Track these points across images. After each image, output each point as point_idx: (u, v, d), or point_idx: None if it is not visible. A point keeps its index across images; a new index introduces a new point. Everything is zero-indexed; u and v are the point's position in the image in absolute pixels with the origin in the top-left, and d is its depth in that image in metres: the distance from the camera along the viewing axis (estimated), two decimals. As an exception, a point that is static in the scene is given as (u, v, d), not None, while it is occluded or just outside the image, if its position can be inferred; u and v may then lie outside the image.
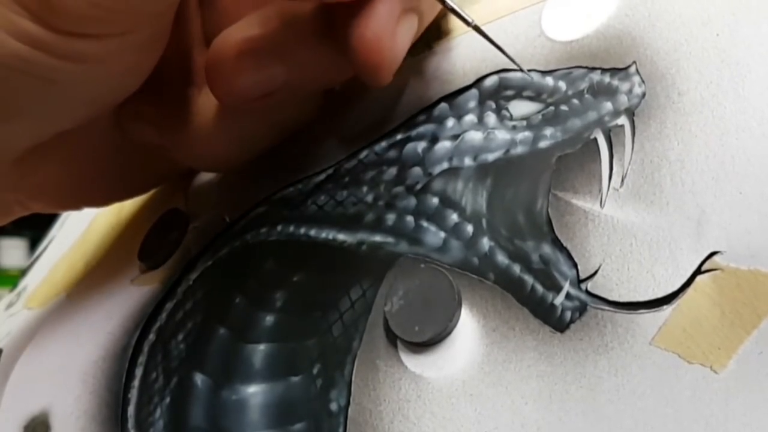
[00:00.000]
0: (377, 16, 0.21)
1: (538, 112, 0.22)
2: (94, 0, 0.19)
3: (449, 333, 0.20)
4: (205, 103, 0.24)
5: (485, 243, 0.21)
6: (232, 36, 0.22)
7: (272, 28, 0.22)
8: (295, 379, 0.22)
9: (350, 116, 0.25)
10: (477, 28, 0.22)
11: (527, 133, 0.21)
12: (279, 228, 0.24)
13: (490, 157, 0.22)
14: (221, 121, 0.24)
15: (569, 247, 0.20)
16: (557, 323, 0.19)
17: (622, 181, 0.20)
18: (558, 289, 0.19)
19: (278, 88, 0.22)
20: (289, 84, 0.22)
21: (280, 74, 0.22)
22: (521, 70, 0.22)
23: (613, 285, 0.19)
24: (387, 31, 0.21)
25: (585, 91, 0.21)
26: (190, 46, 0.25)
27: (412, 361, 0.21)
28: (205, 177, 0.28)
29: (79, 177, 0.26)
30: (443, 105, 0.23)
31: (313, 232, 0.24)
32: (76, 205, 0.28)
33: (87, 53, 0.20)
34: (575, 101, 0.21)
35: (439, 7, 0.22)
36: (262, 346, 0.23)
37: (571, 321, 0.19)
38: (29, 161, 0.23)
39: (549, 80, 0.22)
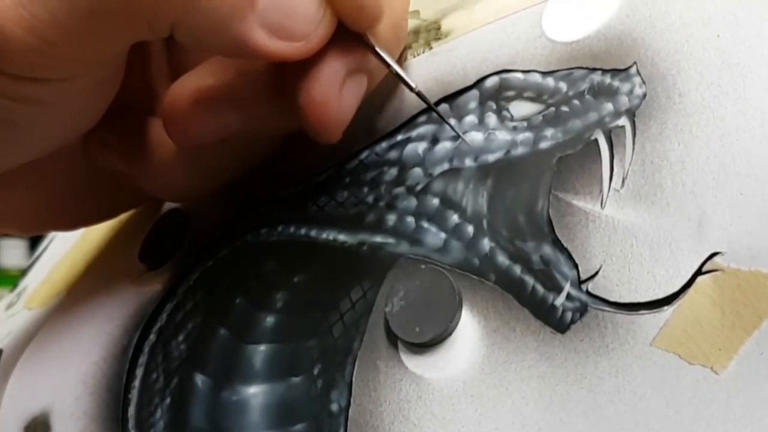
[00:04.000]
0: (323, 78, 0.21)
1: (539, 112, 0.22)
2: (38, 47, 0.19)
3: (450, 334, 0.20)
4: (168, 137, 0.24)
5: (486, 244, 0.21)
6: (188, 83, 0.23)
7: (228, 77, 0.22)
8: (295, 379, 0.22)
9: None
10: (420, 94, 0.22)
11: (528, 134, 0.21)
12: (280, 228, 0.24)
13: (491, 157, 0.22)
14: (181, 156, 0.24)
15: (570, 248, 0.20)
16: (558, 324, 0.19)
17: (623, 181, 0.20)
18: (559, 289, 0.19)
19: (232, 135, 0.23)
20: (242, 131, 0.23)
21: (234, 122, 0.23)
22: (444, 120, 0.23)
23: (613, 286, 0.19)
24: (333, 93, 0.21)
25: (586, 92, 0.21)
26: (155, 80, 0.25)
27: (412, 362, 0.21)
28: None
29: (47, 203, 0.26)
30: (444, 106, 0.23)
31: (313, 233, 0.24)
32: (44, 229, 0.29)
33: (35, 96, 0.21)
34: (576, 102, 0.21)
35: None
36: (262, 347, 0.23)
37: (572, 322, 0.19)
38: None
39: (550, 81, 0.22)
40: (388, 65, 0.22)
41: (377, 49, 0.22)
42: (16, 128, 0.21)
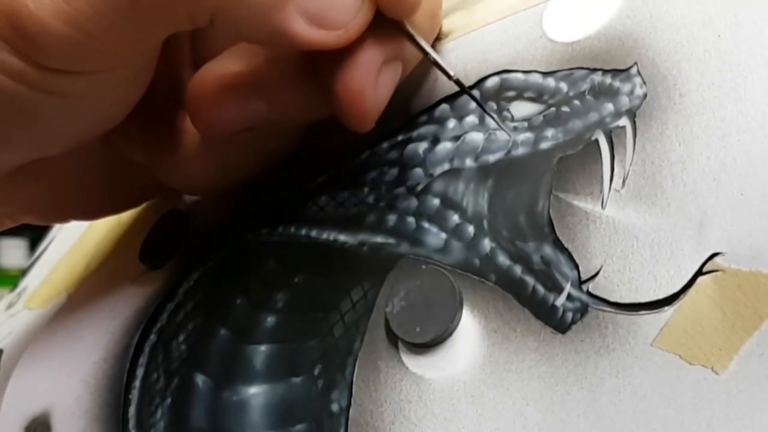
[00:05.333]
0: (360, 66, 0.21)
1: (540, 113, 0.22)
2: (78, 40, 0.19)
3: (450, 334, 0.20)
4: (190, 128, 0.24)
5: (486, 244, 0.21)
6: (214, 70, 0.22)
7: (255, 64, 0.22)
8: (296, 380, 0.22)
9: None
10: (458, 82, 0.22)
11: (528, 134, 0.21)
12: (280, 229, 0.24)
13: (492, 158, 0.22)
14: (204, 148, 0.24)
15: (570, 248, 0.20)
16: (558, 324, 0.19)
17: (624, 182, 0.20)
18: (559, 290, 0.19)
19: (258, 124, 0.23)
20: (269, 120, 0.23)
21: (261, 111, 0.22)
22: (492, 117, 0.22)
23: (614, 286, 0.19)
24: (370, 81, 0.21)
25: (586, 93, 0.21)
26: (179, 69, 0.25)
27: (413, 362, 0.21)
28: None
29: (67, 193, 0.26)
30: (444, 106, 0.23)
31: (314, 233, 0.24)
32: (64, 218, 0.28)
33: (71, 89, 0.20)
34: (576, 102, 0.21)
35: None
36: (263, 347, 0.23)
37: (573, 322, 0.19)
38: (17, 179, 0.24)
39: (550, 81, 0.22)
40: (426, 53, 0.22)
41: (415, 36, 0.21)
42: (50, 121, 0.21)
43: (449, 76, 0.22)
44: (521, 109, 0.22)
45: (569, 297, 0.19)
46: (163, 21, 0.20)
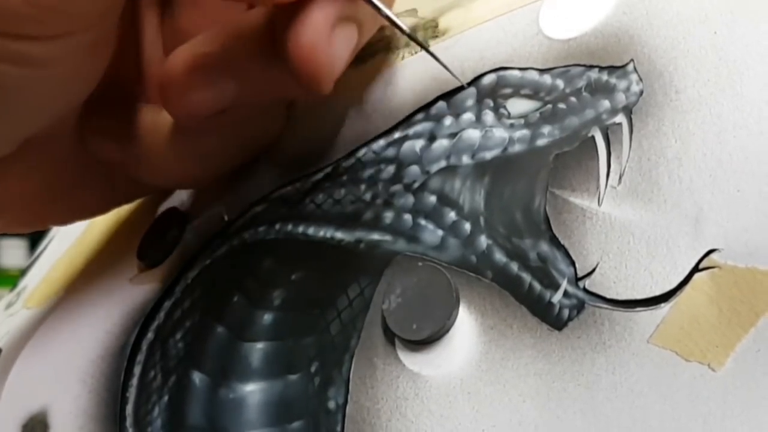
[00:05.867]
0: (311, 22, 0.21)
1: (536, 110, 0.22)
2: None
3: (447, 331, 0.20)
4: (162, 120, 0.24)
5: (483, 241, 0.21)
6: (182, 53, 0.22)
7: (222, 44, 0.22)
8: (293, 377, 0.22)
9: (350, 116, 0.25)
10: (411, 36, 0.22)
11: (525, 131, 0.21)
12: (277, 226, 0.24)
13: (488, 155, 0.22)
14: (177, 138, 0.24)
15: (567, 245, 0.20)
16: (555, 321, 0.19)
17: (620, 179, 0.20)
18: (556, 287, 0.19)
19: (230, 104, 0.23)
20: (240, 99, 0.23)
21: (231, 90, 0.22)
22: (462, 84, 0.22)
23: (610, 283, 0.19)
24: (322, 38, 0.21)
25: (583, 89, 0.21)
26: (150, 63, 0.25)
27: (409, 359, 0.21)
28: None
29: (40, 194, 0.26)
30: (441, 103, 0.23)
31: (311, 231, 0.24)
32: (37, 222, 0.28)
33: (29, 56, 0.20)
34: (573, 99, 0.21)
35: (381, 21, 0.22)
36: (260, 345, 0.23)
37: (569, 319, 0.19)
38: None
39: (547, 78, 0.22)
40: (379, 10, 0.21)
41: None
42: (11, 94, 0.21)
43: (403, 31, 0.22)
44: (518, 106, 0.22)
45: (566, 294, 0.19)
46: None
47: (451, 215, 0.22)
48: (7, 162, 0.23)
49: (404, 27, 0.22)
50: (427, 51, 0.23)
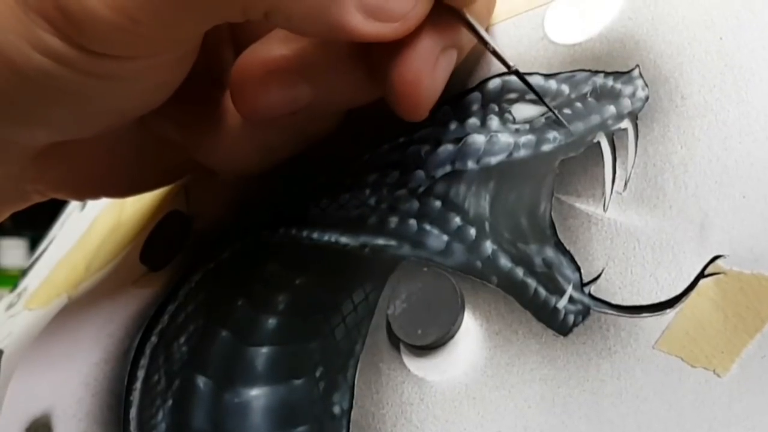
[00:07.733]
0: (418, 55, 0.20)
1: (541, 115, 0.22)
2: (122, 25, 0.19)
3: (452, 336, 0.20)
4: (230, 108, 0.23)
5: (488, 246, 0.21)
6: (259, 53, 0.22)
7: (301, 47, 0.22)
8: (297, 382, 0.22)
9: (353, 119, 0.25)
10: (518, 73, 0.22)
11: (530, 137, 0.21)
12: (281, 231, 0.24)
13: (493, 160, 0.22)
14: (245, 129, 0.24)
15: (572, 251, 0.20)
16: (560, 327, 0.19)
17: (625, 184, 0.20)
18: (561, 292, 0.19)
19: (303, 108, 0.22)
20: (314, 105, 0.22)
21: (306, 95, 0.22)
22: (551, 111, 0.22)
23: (616, 288, 0.19)
24: (427, 70, 0.20)
25: (588, 95, 0.21)
26: (218, 47, 0.25)
27: (414, 365, 0.21)
28: (207, 179, 0.28)
29: (99, 170, 0.26)
30: (446, 108, 0.23)
31: (315, 235, 0.24)
32: (95, 195, 0.28)
33: (113, 72, 0.20)
34: (578, 104, 0.21)
35: (474, 40, 0.22)
36: (264, 349, 0.23)
37: (574, 324, 0.19)
38: (50, 157, 0.24)
39: (552, 83, 0.22)
40: (485, 43, 0.21)
41: (475, 25, 0.21)
42: (89, 102, 0.21)
43: (508, 66, 0.21)
44: (523, 111, 0.22)
45: (571, 299, 0.19)
46: (214, 13, 0.19)
47: (456, 220, 0.22)
48: (65, 145, 0.23)
49: (509, 61, 0.21)
50: (528, 86, 0.22)
